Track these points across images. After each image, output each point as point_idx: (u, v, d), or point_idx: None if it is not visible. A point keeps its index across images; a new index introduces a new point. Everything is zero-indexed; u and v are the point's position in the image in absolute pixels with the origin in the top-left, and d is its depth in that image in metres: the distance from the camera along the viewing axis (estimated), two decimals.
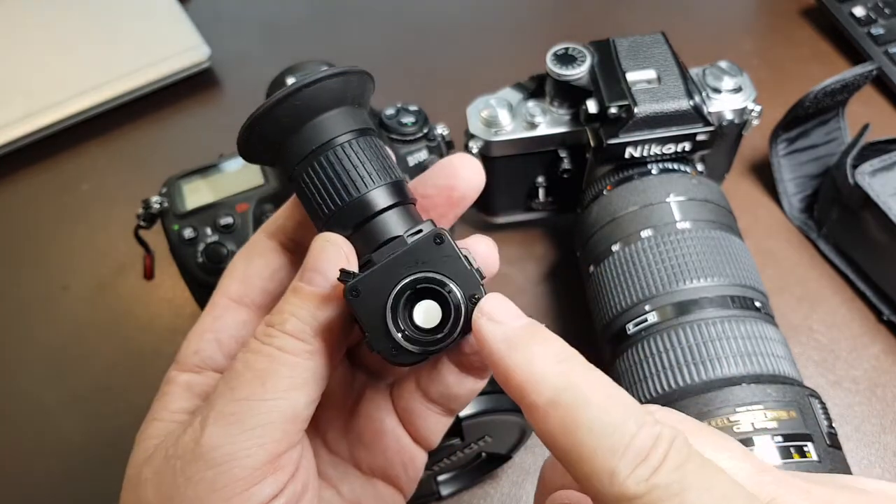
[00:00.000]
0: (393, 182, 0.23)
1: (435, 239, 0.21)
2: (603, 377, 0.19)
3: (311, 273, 0.22)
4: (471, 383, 0.25)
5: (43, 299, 0.56)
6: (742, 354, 0.36)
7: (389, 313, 0.21)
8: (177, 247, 0.44)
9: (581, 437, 0.18)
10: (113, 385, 0.50)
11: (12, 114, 0.63)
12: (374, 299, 0.21)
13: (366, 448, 0.26)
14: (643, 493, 0.17)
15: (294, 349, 0.21)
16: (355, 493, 0.26)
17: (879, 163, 0.48)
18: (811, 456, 0.32)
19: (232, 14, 0.75)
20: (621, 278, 0.41)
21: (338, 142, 0.23)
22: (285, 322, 0.21)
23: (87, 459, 0.47)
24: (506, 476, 0.45)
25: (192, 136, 0.65)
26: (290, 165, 0.24)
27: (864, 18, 0.63)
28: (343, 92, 0.23)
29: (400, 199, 0.23)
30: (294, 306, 0.22)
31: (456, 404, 0.26)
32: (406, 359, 0.21)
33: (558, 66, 0.45)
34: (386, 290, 0.21)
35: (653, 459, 0.17)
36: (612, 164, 0.45)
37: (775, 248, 0.53)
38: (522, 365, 0.19)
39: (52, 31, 0.69)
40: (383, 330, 0.21)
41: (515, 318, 0.20)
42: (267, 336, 0.21)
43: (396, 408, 0.26)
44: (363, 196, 0.23)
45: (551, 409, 0.18)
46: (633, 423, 0.18)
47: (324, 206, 0.23)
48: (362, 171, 0.23)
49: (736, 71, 0.46)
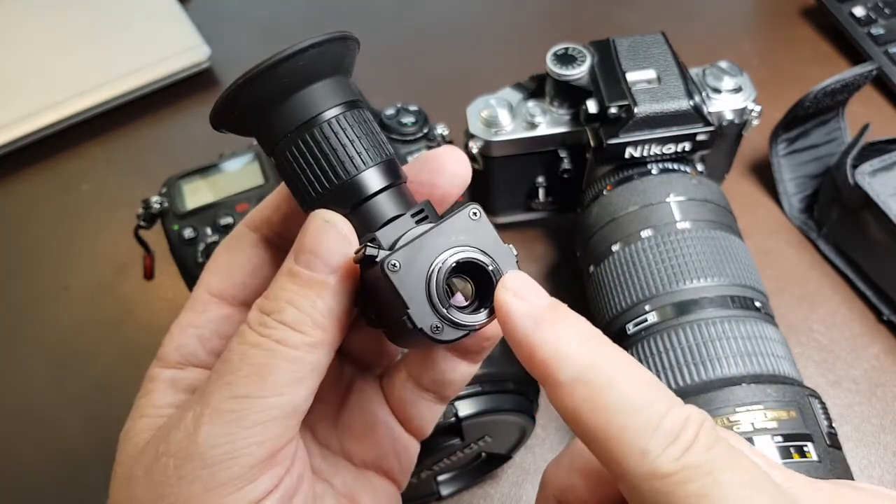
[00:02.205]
0: (387, 160, 0.22)
1: (471, 214, 0.20)
2: (629, 357, 0.19)
3: (310, 256, 0.20)
4: (464, 367, 0.25)
5: (43, 299, 0.56)
6: (742, 354, 0.36)
7: (434, 288, 0.20)
8: (177, 247, 0.44)
9: (609, 416, 0.18)
10: (113, 385, 0.50)
11: (12, 114, 0.63)
12: (414, 274, 0.20)
13: (357, 440, 0.25)
14: (675, 471, 0.17)
15: (294, 342, 0.20)
16: (348, 487, 0.25)
17: (879, 163, 0.48)
18: (811, 456, 0.32)
19: (232, 14, 0.75)
20: (621, 278, 0.41)
21: (327, 116, 0.21)
22: (283, 311, 0.20)
23: (87, 459, 0.47)
24: (506, 476, 0.45)
25: (192, 137, 0.65)
26: (274, 140, 0.22)
27: (863, 18, 0.63)
28: (331, 60, 0.22)
29: (395, 179, 0.22)
30: (291, 293, 0.20)
31: (449, 390, 0.26)
32: (448, 335, 0.20)
33: (558, 66, 0.45)
34: (425, 265, 0.20)
35: (684, 439, 0.17)
36: (612, 164, 0.45)
37: (775, 248, 0.53)
38: (548, 342, 0.19)
39: (52, 31, 0.69)
40: (426, 306, 0.20)
41: (540, 297, 0.20)
42: (264, 326, 0.20)
43: (388, 398, 0.26)
44: (359, 175, 0.21)
45: (577, 386, 0.18)
46: (662, 404, 0.18)
47: (316, 185, 0.21)
48: (358, 147, 0.21)
49: (736, 71, 0.46)
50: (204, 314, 0.24)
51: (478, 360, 0.25)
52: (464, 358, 0.25)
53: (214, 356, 0.23)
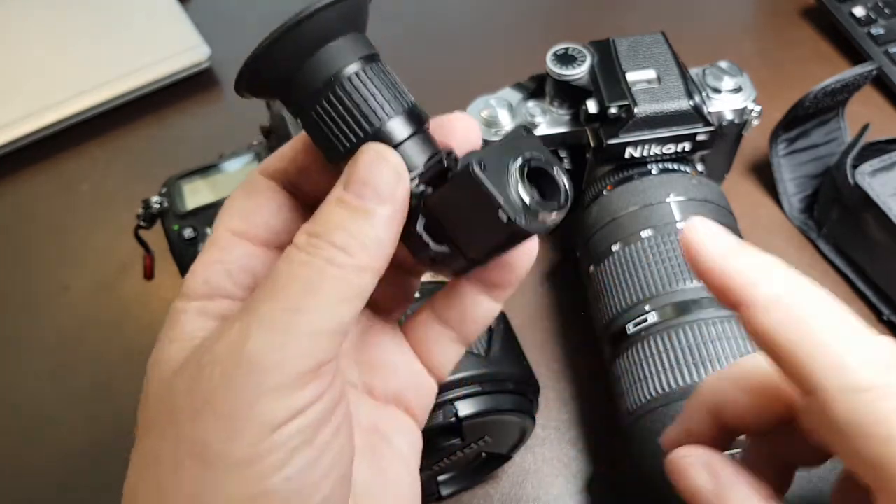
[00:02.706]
0: (410, 108, 0.23)
1: (525, 130, 0.22)
2: (820, 288, 0.21)
3: (361, 186, 0.21)
4: (488, 304, 0.26)
5: (43, 299, 0.56)
6: (742, 354, 0.36)
7: (518, 184, 0.21)
8: (177, 247, 0.44)
9: (807, 332, 0.19)
10: (113, 384, 0.50)
11: (12, 114, 0.63)
12: (498, 173, 0.21)
13: (378, 375, 0.26)
14: (877, 386, 0.18)
15: (342, 263, 0.20)
16: (371, 419, 0.25)
17: (879, 163, 0.48)
18: None
19: (232, 14, 0.75)
20: (621, 278, 0.41)
21: (350, 71, 0.22)
22: (332, 234, 0.21)
23: (88, 458, 0.47)
24: (506, 476, 0.45)
25: (192, 136, 0.65)
26: (298, 100, 0.23)
27: (864, 18, 0.63)
28: (349, 16, 0.22)
29: (420, 125, 0.23)
30: (341, 218, 0.21)
31: (472, 328, 0.26)
32: (536, 226, 0.21)
33: (558, 66, 0.45)
34: (504, 167, 0.21)
35: (884, 358, 0.19)
36: (612, 164, 0.45)
37: (775, 248, 0.53)
38: (743, 263, 0.21)
39: (52, 31, 0.69)
40: (517, 199, 0.21)
41: (731, 235, 0.22)
42: (313, 247, 0.20)
43: (409, 338, 0.27)
44: (385, 125, 0.22)
45: (776, 305, 0.20)
46: (858, 324, 0.19)
47: (343, 140, 0.22)
48: (380, 99, 0.22)
49: (736, 71, 0.46)
50: (229, 251, 0.24)
51: (502, 296, 0.26)
52: (490, 293, 0.25)
53: (244, 290, 0.23)
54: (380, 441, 0.25)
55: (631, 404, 0.38)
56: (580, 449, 0.45)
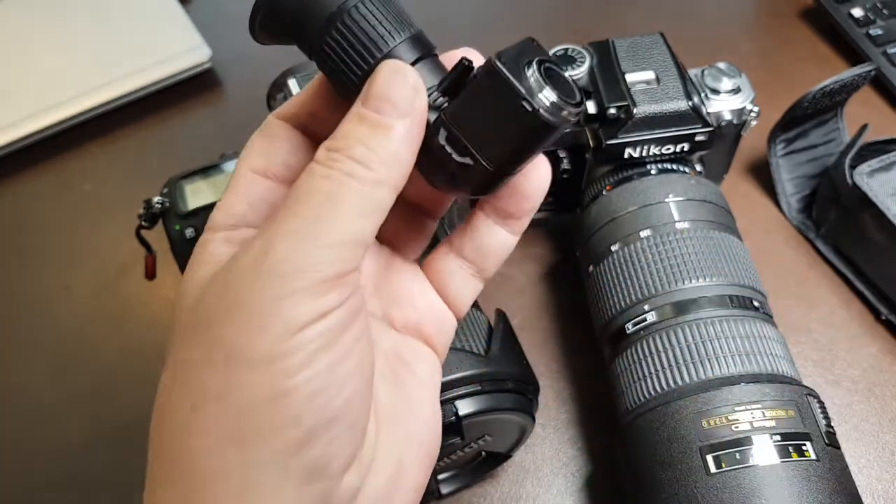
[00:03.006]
0: (415, 34, 0.24)
1: (532, 40, 0.23)
2: None
3: (379, 102, 0.22)
4: (503, 235, 0.27)
5: (45, 299, 0.56)
6: (740, 354, 0.36)
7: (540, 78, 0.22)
8: (178, 246, 0.44)
9: None
10: (114, 384, 0.51)
11: (14, 114, 0.63)
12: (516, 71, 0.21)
13: (399, 305, 0.27)
14: None
15: (362, 176, 0.21)
16: (394, 347, 0.26)
17: (878, 163, 0.48)
18: (810, 455, 0.32)
19: (233, 15, 0.75)
20: (620, 278, 0.41)
21: (354, 1, 0.23)
22: (351, 148, 0.21)
23: (89, 458, 0.48)
24: (506, 475, 0.45)
25: (194, 137, 0.65)
26: (309, 36, 0.23)
27: (862, 19, 0.64)
28: None
29: (427, 50, 0.24)
30: (360, 133, 0.22)
31: (488, 262, 0.27)
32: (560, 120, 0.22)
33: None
34: (522, 65, 0.21)
35: None
36: (612, 165, 0.46)
37: (774, 248, 0.54)
38: None
39: (53, 32, 0.69)
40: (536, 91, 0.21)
41: None
42: (332, 161, 0.21)
43: (428, 274, 0.28)
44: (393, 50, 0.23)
45: None
46: None
47: (355, 69, 0.23)
48: (387, 26, 0.23)
49: (734, 72, 0.46)
50: (250, 186, 0.25)
51: (517, 228, 0.27)
52: (505, 224, 0.26)
53: (265, 219, 0.24)
54: (402, 367, 0.26)
55: (630, 403, 0.38)
56: (579, 448, 0.46)
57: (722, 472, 0.32)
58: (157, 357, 0.55)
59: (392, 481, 0.24)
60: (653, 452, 0.35)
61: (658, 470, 0.34)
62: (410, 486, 0.25)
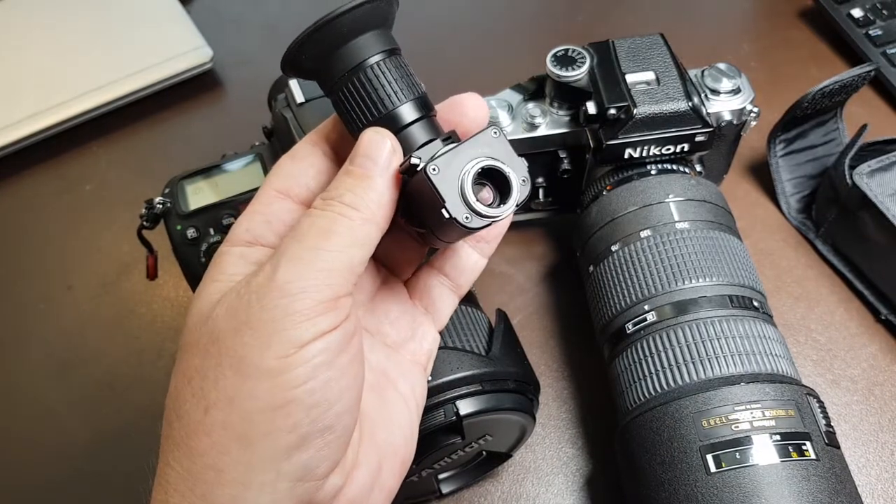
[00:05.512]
0: (420, 97, 0.27)
1: (493, 133, 0.26)
2: None
3: (363, 159, 0.26)
4: (476, 257, 0.32)
5: (47, 299, 0.56)
6: (740, 353, 0.36)
7: (465, 187, 0.25)
8: (179, 247, 0.44)
9: None
10: (116, 384, 0.51)
11: (16, 114, 0.63)
12: (449, 177, 0.25)
13: (390, 322, 0.31)
14: None
15: (351, 215, 0.25)
16: (381, 363, 0.30)
17: (877, 163, 0.48)
18: (809, 454, 0.32)
19: (234, 15, 0.75)
20: (620, 278, 0.41)
21: (373, 60, 0.27)
22: (342, 195, 0.25)
23: (91, 458, 0.48)
24: (506, 474, 0.45)
25: (195, 137, 0.65)
26: (332, 79, 0.27)
27: (861, 20, 0.64)
28: (378, 14, 0.27)
29: (427, 112, 0.27)
30: (349, 184, 0.26)
31: (463, 279, 0.32)
32: (475, 224, 0.25)
33: (558, 67, 0.45)
34: (457, 170, 0.25)
35: None
36: (612, 165, 0.46)
37: (773, 248, 0.54)
38: None
39: (55, 32, 0.69)
40: (459, 201, 0.25)
41: None
42: (327, 205, 0.25)
43: (413, 290, 0.32)
44: (397, 108, 0.27)
45: None
46: None
47: (363, 117, 0.27)
48: (396, 87, 0.27)
49: (734, 72, 0.46)
50: (271, 206, 0.28)
51: (487, 251, 0.32)
52: (476, 246, 0.32)
53: (279, 238, 0.27)
54: (387, 382, 0.30)
55: (630, 403, 0.38)
56: (579, 447, 0.46)
57: (722, 471, 0.32)
58: (158, 356, 0.55)
59: (369, 484, 0.27)
60: (653, 452, 0.35)
61: (658, 469, 0.34)
62: (385, 489, 0.28)
